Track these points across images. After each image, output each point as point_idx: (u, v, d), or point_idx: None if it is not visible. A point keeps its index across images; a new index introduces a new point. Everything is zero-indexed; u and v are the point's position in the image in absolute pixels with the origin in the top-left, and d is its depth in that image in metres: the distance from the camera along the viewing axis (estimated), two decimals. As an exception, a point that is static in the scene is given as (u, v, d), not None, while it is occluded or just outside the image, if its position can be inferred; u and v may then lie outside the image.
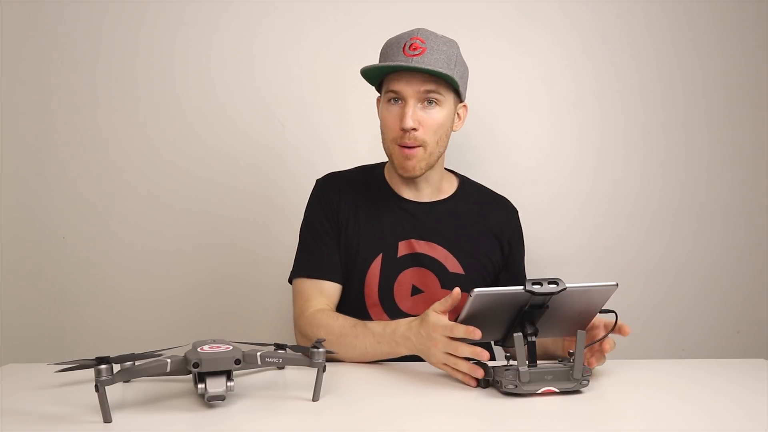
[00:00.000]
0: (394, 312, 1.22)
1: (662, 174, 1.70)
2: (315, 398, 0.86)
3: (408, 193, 1.27)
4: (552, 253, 1.68)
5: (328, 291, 1.22)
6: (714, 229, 1.71)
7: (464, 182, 1.34)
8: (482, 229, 1.29)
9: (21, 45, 1.66)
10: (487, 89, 1.68)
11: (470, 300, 0.86)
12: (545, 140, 1.70)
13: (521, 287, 0.86)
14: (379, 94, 1.24)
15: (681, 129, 1.70)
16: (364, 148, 1.53)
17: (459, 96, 1.20)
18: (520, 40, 1.69)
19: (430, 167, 1.21)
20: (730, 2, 1.68)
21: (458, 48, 1.19)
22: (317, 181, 1.32)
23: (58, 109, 1.67)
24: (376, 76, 1.19)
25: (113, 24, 1.66)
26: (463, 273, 1.23)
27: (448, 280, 1.22)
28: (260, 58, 1.67)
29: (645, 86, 1.69)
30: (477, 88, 1.65)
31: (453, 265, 1.23)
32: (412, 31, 1.17)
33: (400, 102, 1.16)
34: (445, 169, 1.31)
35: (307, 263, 1.24)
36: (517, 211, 1.37)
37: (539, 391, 0.87)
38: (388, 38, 1.20)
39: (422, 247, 1.23)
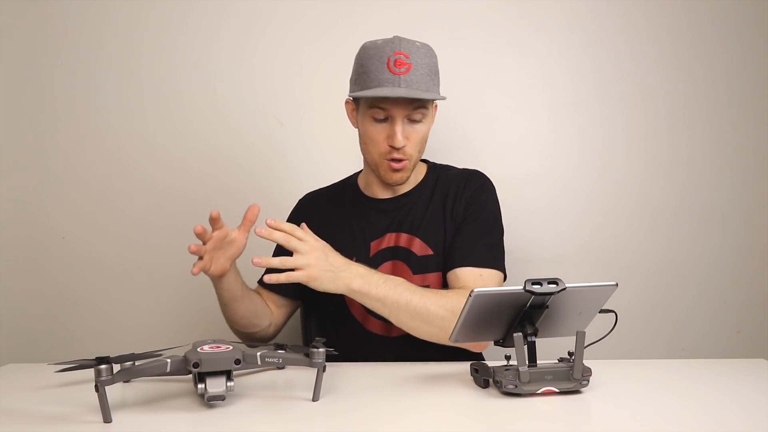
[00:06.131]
0: None
1: (662, 174, 1.70)
2: (315, 398, 0.86)
3: (384, 194, 1.30)
4: (552, 253, 1.68)
5: (274, 300, 1.31)
6: (714, 229, 1.70)
7: (431, 168, 1.36)
8: (443, 205, 1.28)
9: (21, 44, 1.66)
10: (487, 89, 1.68)
11: (470, 300, 0.86)
12: (545, 140, 1.70)
13: (521, 287, 0.86)
14: (347, 98, 1.25)
15: (681, 129, 1.70)
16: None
17: None
18: (520, 41, 1.69)
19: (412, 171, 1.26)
20: (730, 2, 1.68)
21: (433, 51, 1.20)
22: (298, 201, 1.39)
23: (59, 109, 1.67)
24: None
25: (114, 24, 1.66)
26: (433, 253, 1.25)
27: (417, 264, 1.24)
28: (260, 59, 1.67)
29: (645, 86, 1.69)
30: (477, 88, 1.66)
31: (421, 248, 1.25)
32: (392, 43, 1.15)
33: (388, 120, 1.18)
34: None
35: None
36: (482, 178, 1.30)
37: (539, 391, 0.87)
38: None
39: (392, 239, 1.27)
